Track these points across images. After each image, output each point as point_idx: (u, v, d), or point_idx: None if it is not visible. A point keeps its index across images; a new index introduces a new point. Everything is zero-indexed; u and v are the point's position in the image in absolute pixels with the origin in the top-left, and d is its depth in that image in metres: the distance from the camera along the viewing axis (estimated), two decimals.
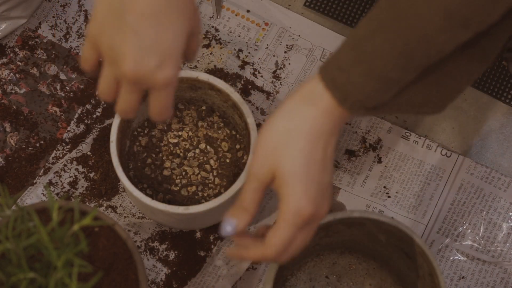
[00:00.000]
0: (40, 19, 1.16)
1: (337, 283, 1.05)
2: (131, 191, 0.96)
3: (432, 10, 0.73)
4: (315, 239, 0.97)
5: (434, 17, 0.73)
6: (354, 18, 1.17)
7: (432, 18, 0.73)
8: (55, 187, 1.08)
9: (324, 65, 0.80)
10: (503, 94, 1.15)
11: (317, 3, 1.18)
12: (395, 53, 0.75)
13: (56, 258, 0.78)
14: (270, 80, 1.14)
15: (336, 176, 1.11)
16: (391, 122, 1.13)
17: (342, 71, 0.77)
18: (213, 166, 1.06)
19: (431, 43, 0.75)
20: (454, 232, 1.08)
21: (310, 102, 0.79)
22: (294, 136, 0.79)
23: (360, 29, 0.78)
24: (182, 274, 1.05)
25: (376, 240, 0.99)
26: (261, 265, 1.06)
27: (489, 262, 1.07)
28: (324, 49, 1.16)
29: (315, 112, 0.79)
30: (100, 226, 0.89)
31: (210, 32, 1.16)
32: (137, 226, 1.07)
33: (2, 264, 0.79)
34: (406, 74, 0.77)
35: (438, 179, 1.10)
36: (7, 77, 1.14)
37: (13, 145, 1.11)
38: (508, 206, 1.09)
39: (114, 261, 0.88)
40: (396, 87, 0.78)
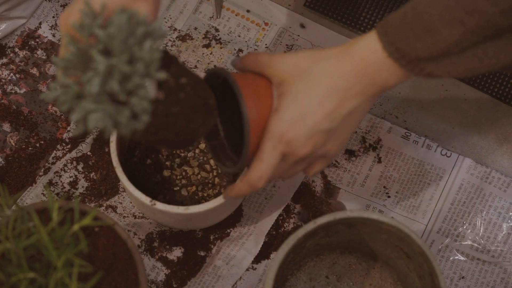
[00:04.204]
0: (40, 19, 1.16)
1: (337, 283, 1.05)
2: (131, 191, 0.96)
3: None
4: (315, 239, 0.97)
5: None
6: (354, 18, 1.17)
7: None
8: (55, 187, 1.08)
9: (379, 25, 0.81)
10: (503, 94, 1.15)
11: (317, 3, 1.18)
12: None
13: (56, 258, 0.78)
14: None
15: (336, 176, 1.11)
16: (391, 122, 1.13)
17: (395, 23, 0.79)
18: (213, 166, 1.06)
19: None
20: (454, 232, 1.08)
21: (350, 51, 0.82)
22: (320, 75, 0.83)
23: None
24: (182, 274, 1.05)
25: (376, 240, 0.99)
26: (261, 265, 1.06)
27: (489, 262, 1.07)
28: None
29: (351, 66, 0.82)
30: (100, 226, 0.89)
31: (210, 32, 1.16)
32: (137, 226, 1.07)
33: (2, 264, 0.79)
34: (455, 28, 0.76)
35: (438, 179, 1.10)
36: (7, 77, 1.14)
37: (13, 145, 1.11)
38: (508, 206, 1.09)
39: (114, 261, 0.88)
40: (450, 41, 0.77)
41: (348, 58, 0.82)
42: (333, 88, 0.82)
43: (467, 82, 1.15)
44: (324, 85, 0.82)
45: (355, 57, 0.82)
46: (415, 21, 0.77)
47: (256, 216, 1.08)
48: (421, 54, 0.78)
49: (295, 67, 0.84)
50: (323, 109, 0.83)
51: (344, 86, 0.82)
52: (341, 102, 0.83)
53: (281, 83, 0.85)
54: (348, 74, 0.82)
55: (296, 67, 0.84)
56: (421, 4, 0.77)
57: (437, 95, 1.14)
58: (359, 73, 0.82)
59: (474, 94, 1.15)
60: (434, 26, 0.76)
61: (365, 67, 0.81)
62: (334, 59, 0.83)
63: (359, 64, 0.81)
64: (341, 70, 0.82)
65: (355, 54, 0.82)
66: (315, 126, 0.83)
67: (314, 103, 0.83)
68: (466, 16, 0.75)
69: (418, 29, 0.77)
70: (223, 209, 1.02)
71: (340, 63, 0.82)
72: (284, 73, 0.84)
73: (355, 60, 0.82)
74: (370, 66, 0.81)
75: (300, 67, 0.84)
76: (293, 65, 0.84)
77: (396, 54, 0.79)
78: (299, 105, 0.83)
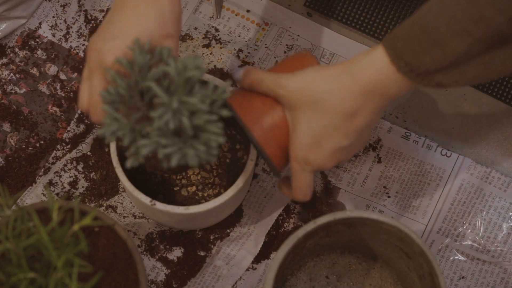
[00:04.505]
0: (40, 19, 1.16)
1: (337, 283, 1.05)
2: (131, 191, 0.96)
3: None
4: (315, 239, 0.98)
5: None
6: (354, 18, 1.17)
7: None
8: (55, 187, 1.08)
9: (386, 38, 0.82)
10: (503, 94, 1.15)
11: (317, 3, 1.18)
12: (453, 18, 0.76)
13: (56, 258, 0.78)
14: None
15: (336, 176, 1.11)
16: (391, 122, 1.13)
17: (402, 37, 0.79)
18: (213, 166, 1.06)
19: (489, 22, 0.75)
20: (454, 232, 1.08)
21: (354, 70, 0.84)
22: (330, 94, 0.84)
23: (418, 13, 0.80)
24: (182, 274, 1.05)
25: (376, 240, 0.99)
26: (261, 265, 1.06)
27: (489, 262, 1.07)
28: (324, 49, 1.16)
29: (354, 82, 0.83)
30: (100, 226, 0.89)
31: (210, 32, 1.16)
32: (137, 226, 1.07)
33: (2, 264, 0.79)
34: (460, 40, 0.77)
35: (438, 179, 1.10)
36: (7, 77, 1.14)
37: (13, 145, 1.11)
38: (508, 206, 1.09)
39: (114, 261, 0.88)
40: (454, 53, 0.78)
41: (353, 78, 0.83)
42: (343, 111, 0.84)
43: None
44: (334, 110, 0.84)
45: (361, 76, 0.82)
46: (422, 34, 0.78)
47: (256, 216, 1.08)
48: (430, 66, 0.78)
49: (302, 94, 0.86)
50: (338, 131, 0.85)
51: (353, 106, 0.84)
52: (354, 121, 0.85)
53: (292, 109, 0.87)
54: (356, 94, 0.83)
55: (303, 93, 0.86)
56: (427, 17, 0.78)
57: (437, 95, 1.14)
58: (367, 92, 0.83)
59: (474, 94, 1.15)
60: (442, 38, 0.77)
61: (373, 85, 0.82)
62: (339, 81, 0.84)
63: (366, 83, 0.82)
64: (347, 91, 0.83)
65: (361, 73, 0.82)
66: (334, 146, 0.87)
67: (328, 128, 0.85)
68: (473, 26, 0.75)
69: (426, 42, 0.78)
70: (223, 209, 1.02)
71: (345, 85, 0.83)
72: (292, 100, 0.87)
73: (362, 80, 0.83)
74: (379, 83, 0.82)
75: (307, 94, 0.85)
76: (298, 91, 0.86)
77: (405, 68, 0.80)
78: (314, 132, 0.86)
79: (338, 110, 0.84)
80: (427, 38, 0.78)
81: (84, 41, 1.15)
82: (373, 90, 0.83)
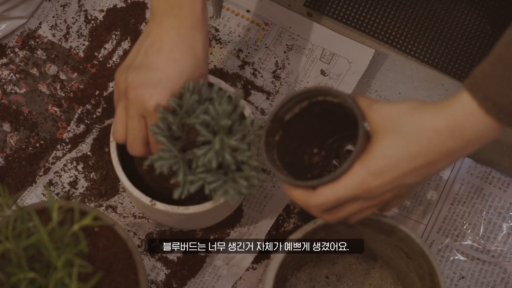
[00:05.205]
0: (40, 19, 1.16)
1: (337, 283, 1.05)
2: (131, 191, 0.96)
3: None
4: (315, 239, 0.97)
5: None
6: (354, 18, 1.17)
7: None
8: (55, 187, 1.08)
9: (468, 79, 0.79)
10: None
11: (317, 3, 1.18)
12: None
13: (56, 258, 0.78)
14: (270, 80, 1.14)
15: None
16: None
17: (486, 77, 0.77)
18: None
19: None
20: (454, 232, 1.08)
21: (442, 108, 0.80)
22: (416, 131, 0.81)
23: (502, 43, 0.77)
24: (182, 274, 1.05)
25: (376, 240, 0.99)
26: (261, 265, 1.06)
27: (489, 262, 1.07)
28: (324, 49, 1.16)
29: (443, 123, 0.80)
30: (100, 226, 0.89)
31: (210, 32, 1.16)
32: (137, 226, 1.07)
33: (2, 264, 0.79)
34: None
35: (438, 179, 1.10)
36: (7, 77, 1.14)
37: (13, 145, 1.11)
38: (508, 206, 1.09)
39: (114, 261, 0.88)
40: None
41: (444, 120, 0.80)
42: (426, 149, 0.81)
43: None
44: (417, 144, 0.81)
45: (451, 119, 0.79)
46: (508, 73, 0.76)
47: (256, 216, 1.08)
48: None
49: (389, 120, 0.82)
50: (411, 165, 0.81)
51: (438, 148, 0.80)
52: (432, 163, 0.81)
53: (375, 133, 0.83)
54: (444, 136, 0.80)
55: (391, 120, 0.82)
56: (508, 54, 0.76)
57: (437, 95, 1.14)
58: (455, 136, 0.80)
59: None
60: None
61: (462, 130, 0.79)
62: (429, 119, 0.81)
63: (455, 127, 0.79)
64: (436, 131, 0.80)
65: (451, 116, 0.79)
66: (400, 180, 0.82)
67: (404, 160, 0.81)
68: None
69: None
70: (223, 209, 1.02)
71: (435, 124, 0.80)
72: (377, 123, 0.83)
73: (451, 123, 0.79)
74: (468, 128, 0.79)
75: (394, 121, 0.82)
76: (388, 118, 0.82)
77: (493, 109, 0.77)
78: (388, 160, 0.81)
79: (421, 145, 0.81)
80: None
81: (84, 41, 1.15)
82: (461, 135, 0.79)
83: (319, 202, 0.84)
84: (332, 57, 1.15)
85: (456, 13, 1.18)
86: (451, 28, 1.17)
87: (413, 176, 0.82)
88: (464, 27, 1.17)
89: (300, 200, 0.85)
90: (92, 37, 1.15)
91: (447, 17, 1.18)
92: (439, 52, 1.16)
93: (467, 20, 1.18)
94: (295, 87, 1.14)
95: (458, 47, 1.17)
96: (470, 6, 1.18)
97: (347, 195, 0.83)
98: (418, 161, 0.81)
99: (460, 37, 1.17)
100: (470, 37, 1.17)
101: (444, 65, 1.16)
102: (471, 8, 1.18)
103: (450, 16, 1.18)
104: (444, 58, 1.16)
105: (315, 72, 1.14)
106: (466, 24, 1.17)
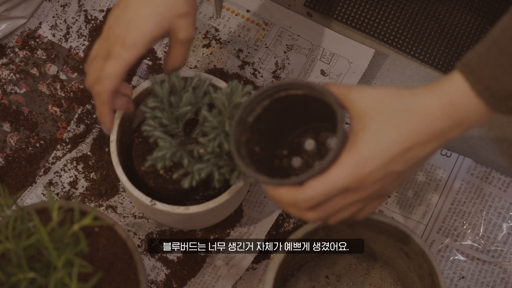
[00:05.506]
0: (40, 19, 1.16)
1: (337, 283, 1.05)
2: (131, 191, 0.96)
3: None
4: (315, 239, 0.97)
5: None
6: (354, 18, 1.17)
7: None
8: (55, 187, 1.08)
9: (460, 61, 0.78)
10: None
11: (317, 3, 1.18)
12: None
13: (56, 258, 0.78)
14: (270, 80, 1.14)
15: None
16: None
17: (480, 60, 0.76)
18: None
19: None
20: (454, 232, 1.08)
21: (434, 91, 0.79)
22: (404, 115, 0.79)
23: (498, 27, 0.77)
24: (182, 274, 1.05)
25: (376, 240, 0.99)
26: (261, 265, 1.06)
27: (489, 262, 1.07)
28: (324, 49, 1.16)
29: (434, 103, 0.78)
30: (100, 226, 0.89)
31: (210, 32, 1.16)
32: (137, 226, 1.07)
33: (2, 264, 0.79)
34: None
35: (438, 179, 1.10)
36: (7, 77, 1.14)
37: (13, 145, 1.11)
38: (508, 206, 1.09)
39: (114, 261, 0.88)
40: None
41: (436, 99, 0.79)
42: (417, 129, 0.79)
43: None
44: (409, 125, 0.79)
45: (443, 98, 0.78)
46: (503, 57, 0.75)
47: (256, 216, 1.08)
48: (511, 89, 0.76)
49: (378, 103, 0.80)
50: (401, 147, 0.79)
51: (429, 128, 0.79)
52: (423, 145, 0.79)
53: (360, 117, 0.80)
54: (435, 115, 0.78)
55: (379, 102, 0.80)
56: (504, 39, 0.76)
57: None
58: (446, 116, 0.78)
59: None
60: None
61: (453, 110, 0.78)
62: (420, 99, 0.79)
63: (447, 106, 0.78)
64: (427, 111, 0.79)
65: (443, 96, 0.78)
66: (391, 166, 0.79)
67: (395, 143, 0.79)
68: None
69: (507, 65, 0.75)
70: (223, 209, 1.02)
71: (426, 103, 0.79)
72: (365, 107, 0.80)
73: (443, 102, 0.78)
74: (458, 108, 0.78)
75: (383, 103, 0.79)
76: (376, 100, 0.80)
77: (485, 93, 0.77)
78: (379, 144, 0.79)
79: (413, 126, 0.79)
80: (508, 61, 0.75)
81: (84, 41, 1.15)
82: (452, 116, 0.78)
83: (309, 196, 0.79)
84: (332, 57, 1.15)
85: (456, 13, 1.18)
86: (451, 28, 1.17)
87: (402, 161, 0.79)
88: (464, 27, 1.17)
89: (288, 198, 0.81)
90: (92, 37, 1.15)
91: (447, 17, 1.18)
92: (439, 52, 1.16)
93: (467, 20, 1.18)
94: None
95: (458, 47, 1.17)
96: (470, 6, 1.18)
97: (338, 186, 0.79)
98: (408, 143, 0.79)
99: (460, 37, 1.17)
100: (470, 37, 1.17)
101: (444, 65, 1.16)
102: (471, 8, 1.18)
103: (450, 16, 1.18)
104: (444, 58, 1.16)
105: (315, 72, 1.14)
106: (466, 24, 1.17)
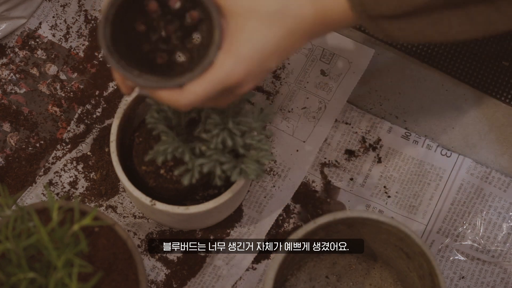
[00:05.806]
0: (40, 19, 1.16)
1: (337, 283, 1.05)
2: (131, 191, 0.96)
3: None
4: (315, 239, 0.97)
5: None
6: None
7: None
8: (55, 187, 1.08)
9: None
10: (503, 94, 1.15)
11: None
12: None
13: (56, 258, 0.78)
14: (270, 80, 1.14)
15: (336, 176, 1.11)
16: (391, 122, 1.13)
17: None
18: None
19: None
20: (454, 232, 1.08)
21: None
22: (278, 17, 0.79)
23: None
24: (182, 274, 1.05)
25: (376, 240, 0.99)
26: (261, 265, 1.06)
27: (489, 262, 1.07)
28: (324, 49, 1.16)
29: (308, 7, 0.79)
30: (100, 226, 0.89)
31: None
32: (137, 226, 1.07)
33: (2, 264, 0.79)
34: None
35: (438, 179, 1.10)
36: (7, 77, 1.14)
37: (13, 145, 1.11)
38: (508, 206, 1.09)
39: (114, 261, 0.88)
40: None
41: (310, 3, 0.79)
42: (291, 30, 0.79)
43: (466, 82, 1.15)
44: (283, 27, 0.79)
45: (317, 3, 0.79)
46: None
47: (256, 216, 1.08)
48: (385, 11, 0.76)
49: (253, 2, 0.79)
50: (277, 49, 0.80)
51: (302, 29, 0.79)
52: (293, 44, 0.80)
53: (236, 17, 0.79)
54: (308, 18, 0.79)
55: (255, 2, 0.79)
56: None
57: (437, 95, 1.14)
58: (318, 20, 0.79)
59: (474, 94, 1.15)
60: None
61: (325, 15, 0.79)
62: (295, 1, 0.79)
63: (320, 11, 0.79)
64: (301, 13, 0.79)
65: (318, 1, 0.79)
66: (266, 65, 0.80)
67: (271, 43, 0.79)
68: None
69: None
70: (223, 209, 1.02)
71: (301, 6, 0.79)
72: (239, 6, 0.79)
73: (318, 7, 0.79)
74: (330, 15, 0.79)
75: (258, 3, 0.79)
76: (251, 0, 0.79)
77: (358, 7, 0.77)
78: (255, 44, 0.79)
79: (287, 27, 0.79)
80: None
81: (84, 41, 1.15)
82: (323, 20, 0.79)
83: (190, 101, 0.80)
84: (332, 57, 1.15)
85: None
86: None
87: (275, 58, 0.80)
88: None
89: (168, 101, 0.81)
90: (92, 37, 1.15)
91: None
92: (439, 52, 1.16)
93: None
94: (295, 87, 1.14)
95: (458, 47, 1.17)
96: None
97: (217, 88, 0.79)
98: (283, 43, 0.79)
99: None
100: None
101: (444, 65, 1.16)
102: None
103: None
104: (444, 58, 1.16)
105: (315, 72, 1.14)
106: None
